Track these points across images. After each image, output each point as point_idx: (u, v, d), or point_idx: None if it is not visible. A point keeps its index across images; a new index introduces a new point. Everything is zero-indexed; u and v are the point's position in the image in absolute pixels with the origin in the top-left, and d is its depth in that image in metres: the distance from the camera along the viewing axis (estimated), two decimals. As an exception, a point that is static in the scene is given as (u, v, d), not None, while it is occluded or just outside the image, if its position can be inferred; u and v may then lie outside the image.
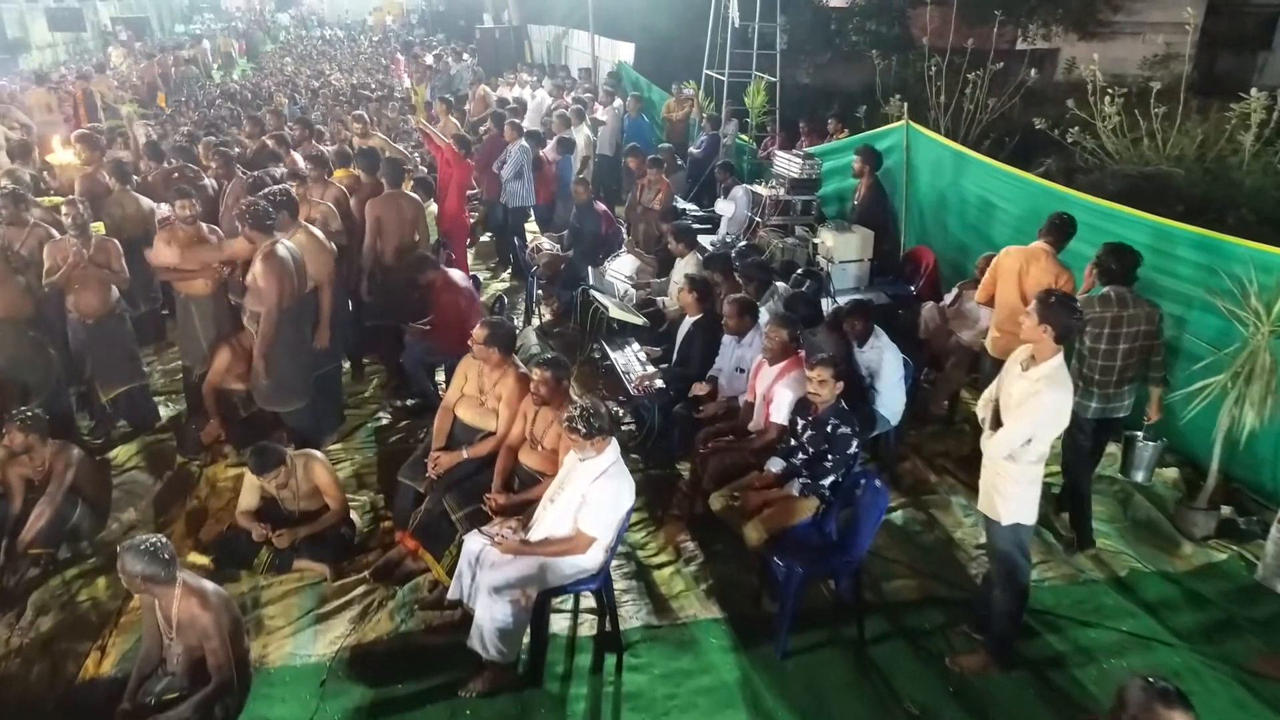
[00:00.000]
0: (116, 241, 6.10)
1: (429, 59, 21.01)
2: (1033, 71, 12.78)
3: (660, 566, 4.90)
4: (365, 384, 7.09)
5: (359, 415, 6.57)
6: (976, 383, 6.65)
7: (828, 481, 4.46)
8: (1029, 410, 3.63)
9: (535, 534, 4.09)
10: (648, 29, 18.15)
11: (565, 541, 3.99)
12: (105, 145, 8.90)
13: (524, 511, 4.35)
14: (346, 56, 30.00)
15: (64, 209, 5.96)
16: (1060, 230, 5.35)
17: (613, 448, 4.01)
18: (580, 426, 3.86)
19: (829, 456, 4.44)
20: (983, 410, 3.98)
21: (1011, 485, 3.77)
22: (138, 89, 19.15)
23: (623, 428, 6.28)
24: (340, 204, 6.94)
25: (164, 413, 6.58)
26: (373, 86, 20.24)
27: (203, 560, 4.83)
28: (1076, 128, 10.09)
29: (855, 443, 4.45)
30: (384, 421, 6.51)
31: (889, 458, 5.78)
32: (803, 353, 5.10)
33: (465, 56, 20.89)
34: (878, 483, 4.22)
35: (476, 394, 4.91)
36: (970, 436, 6.22)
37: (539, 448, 4.55)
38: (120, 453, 6.00)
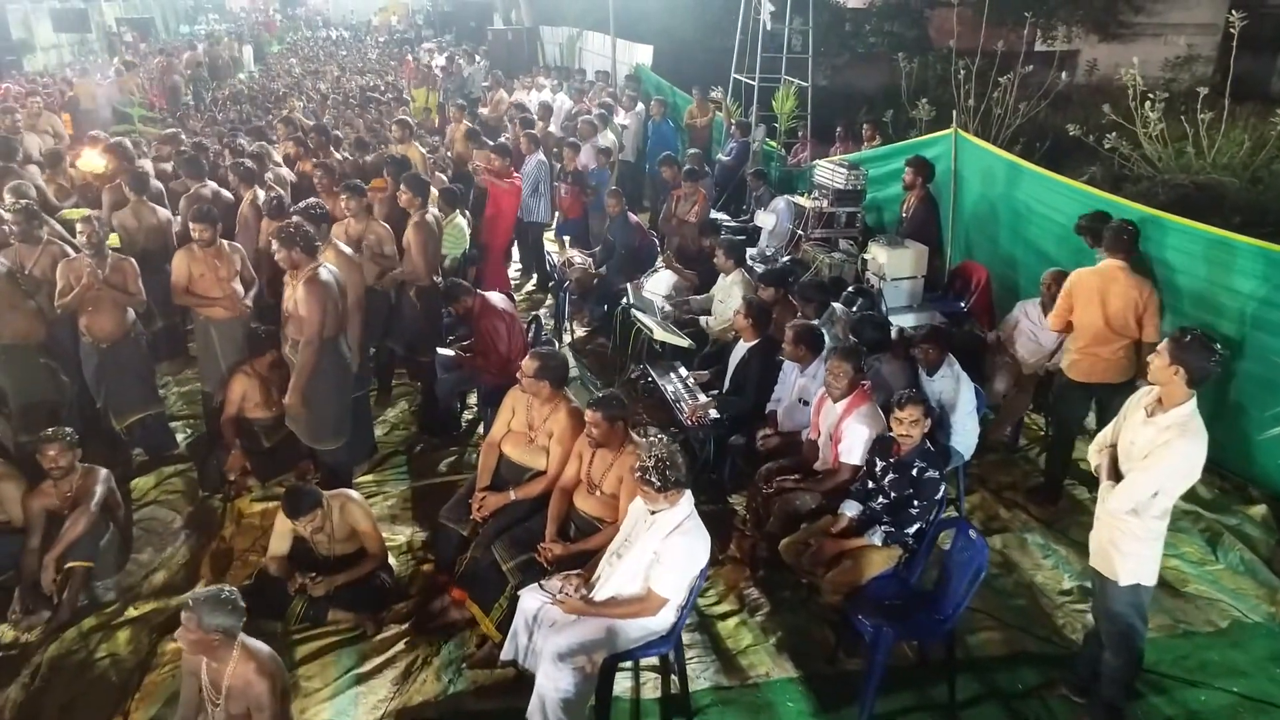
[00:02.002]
0: (133, 261, 5.75)
1: (440, 60, 20.62)
2: (1063, 74, 12.45)
3: (724, 617, 4.54)
4: (393, 407, 6.73)
5: (388, 442, 6.21)
6: (1040, 407, 6.32)
7: (913, 529, 4.10)
8: (1157, 462, 3.27)
9: (600, 592, 3.72)
10: (666, 31, 17.76)
11: (635, 602, 3.64)
12: (135, 155, 8.54)
13: (582, 563, 4.00)
14: (355, 58, 29.61)
15: (79, 226, 5.61)
16: (1129, 243, 5.07)
17: (687, 500, 3.66)
18: (654, 479, 3.51)
19: (914, 502, 4.08)
20: (1095, 457, 3.63)
21: (1132, 542, 3.42)
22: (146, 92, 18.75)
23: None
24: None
25: (182, 439, 6.23)
26: (382, 89, 19.87)
27: (230, 610, 4.48)
28: (1114, 133, 9.73)
29: (943, 487, 4.09)
30: (417, 449, 6.14)
31: (957, 493, 5.42)
32: (867, 384, 4.73)
33: (478, 58, 20.52)
34: (972, 533, 3.86)
35: (525, 429, 4.56)
36: (1038, 466, 5.89)
37: (597, 492, 4.19)
38: (138, 485, 5.64)
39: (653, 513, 3.64)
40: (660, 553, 3.57)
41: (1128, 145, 9.83)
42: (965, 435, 5.08)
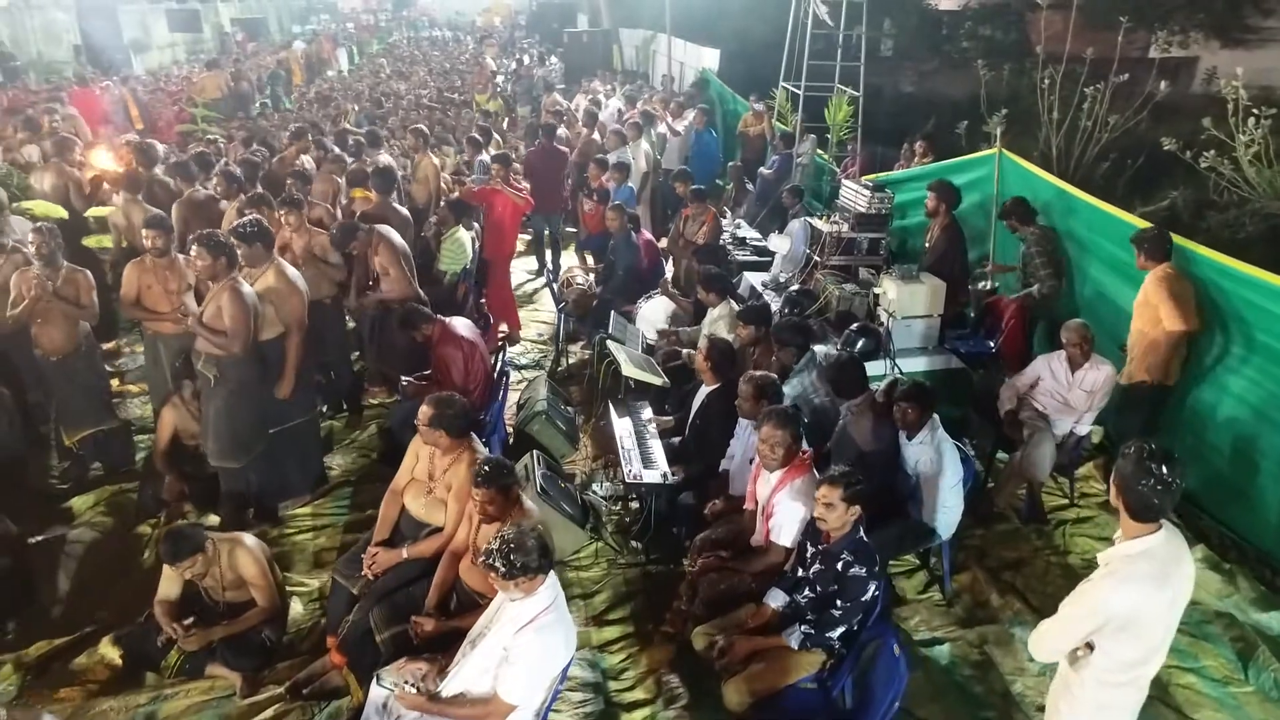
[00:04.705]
0: (87, 273, 5.59)
1: (511, 65, 20.52)
2: (1162, 84, 11.23)
3: (633, 707, 3.99)
4: (364, 430, 6.41)
5: (353, 469, 5.88)
6: (1062, 470, 5.53)
7: (837, 633, 3.48)
8: (1075, 602, 2.62)
9: (450, 686, 3.26)
10: (738, 34, 17.13)
11: (479, 705, 3.15)
12: (161, 157, 8.55)
13: (454, 644, 3.53)
14: (445, 60, 29.86)
15: (30, 236, 5.49)
16: (1170, 245, 5.18)
17: (548, 588, 3.14)
18: (498, 564, 3.01)
19: (838, 602, 3.46)
20: None
21: (1069, 703, 2.73)
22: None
23: (630, 504, 5.43)
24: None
25: (143, 456, 6.06)
26: (460, 86, 19.83)
27: (112, 654, 4.23)
28: (1211, 151, 8.61)
29: (873, 587, 3.45)
30: (367, 479, 5.78)
31: (940, 574, 4.72)
32: (809, 452, 4.06)
33: (552, 60, 20.33)
34: (896, 649, 3.22)
35: (426, 479, 4.14)
36: (1052, 543, 5.12)
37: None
38: (77, 503, 5.47)
39: (511, 600, 3.15)
40: (510, 650, 3.08)
41: (1229, 165, 8.71)
42: (946, 513, 4.38)
